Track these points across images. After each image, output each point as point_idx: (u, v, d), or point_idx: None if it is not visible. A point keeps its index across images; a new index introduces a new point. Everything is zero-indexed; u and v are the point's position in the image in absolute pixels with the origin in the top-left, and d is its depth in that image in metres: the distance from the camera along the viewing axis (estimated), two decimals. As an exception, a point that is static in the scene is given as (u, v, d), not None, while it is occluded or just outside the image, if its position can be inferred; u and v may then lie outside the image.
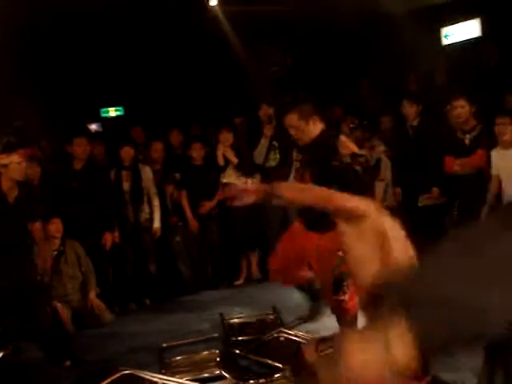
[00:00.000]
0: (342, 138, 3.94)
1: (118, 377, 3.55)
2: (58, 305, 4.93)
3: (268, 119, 6.37)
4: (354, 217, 2.40)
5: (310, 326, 4.50)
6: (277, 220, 5.93)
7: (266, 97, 7.99)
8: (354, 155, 3.84)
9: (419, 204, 5.70)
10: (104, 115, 11.90)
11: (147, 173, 5.91)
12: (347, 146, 3.87)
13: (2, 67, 7.52)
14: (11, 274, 4.02)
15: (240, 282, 6.25)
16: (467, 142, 5.29)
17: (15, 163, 4.04)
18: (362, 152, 4.16)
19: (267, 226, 6.13)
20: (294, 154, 4.09)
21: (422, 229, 5.72)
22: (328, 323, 3.43)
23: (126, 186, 5.79)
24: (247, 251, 6.29)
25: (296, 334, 4.24)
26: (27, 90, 7.96)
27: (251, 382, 3.66)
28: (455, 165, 5.35)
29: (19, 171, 4.09)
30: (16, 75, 7.70)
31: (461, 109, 5.20)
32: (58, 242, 5.24)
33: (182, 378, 3.75)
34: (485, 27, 8.38)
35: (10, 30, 6.98)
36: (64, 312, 4.98)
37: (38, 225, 4.40)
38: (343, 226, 2.45)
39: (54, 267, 5.14)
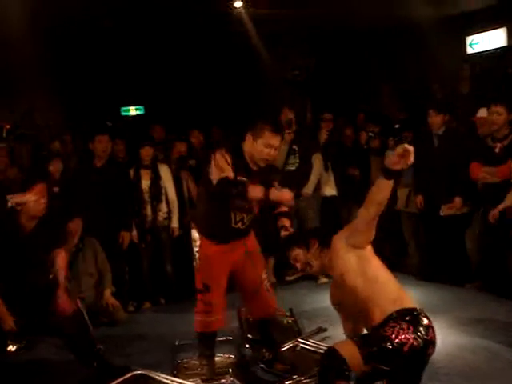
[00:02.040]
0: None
1: (129, 377, 3.52)
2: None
3: (288, 123, 6.32)
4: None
5: (327, 334, 4.45)
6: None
7: (287, 100, 7.96)
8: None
9: (441, 213, 5.60)
10: (124, 114, 11.95)
11: (166, 172, 5.89)
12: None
13: (28, 66, 7.58)
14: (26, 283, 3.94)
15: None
16: (497, 150, 5.15)
17: (32, 202, 3.89)
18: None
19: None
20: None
21: (443, 239, 5.67)
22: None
23: (144, 184, 5.77)
24: (266, 256, 6.20)
25: (313, 345, 4.17)
26: (52, 88, 8.01)
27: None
28: (482, 172, 5.22)
29: (37, 208, 3.93)
30: (41, 74, 7.76)
31: (497, 115, 5.08)
32: (76, 239, 5.22)
33: (193, 382, 3.69)
34: (511, 37, 8.26)
35: (35, 30, 7.02)
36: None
37: (61, 252, 4.19)
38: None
39: (71, 263, 5.12)
